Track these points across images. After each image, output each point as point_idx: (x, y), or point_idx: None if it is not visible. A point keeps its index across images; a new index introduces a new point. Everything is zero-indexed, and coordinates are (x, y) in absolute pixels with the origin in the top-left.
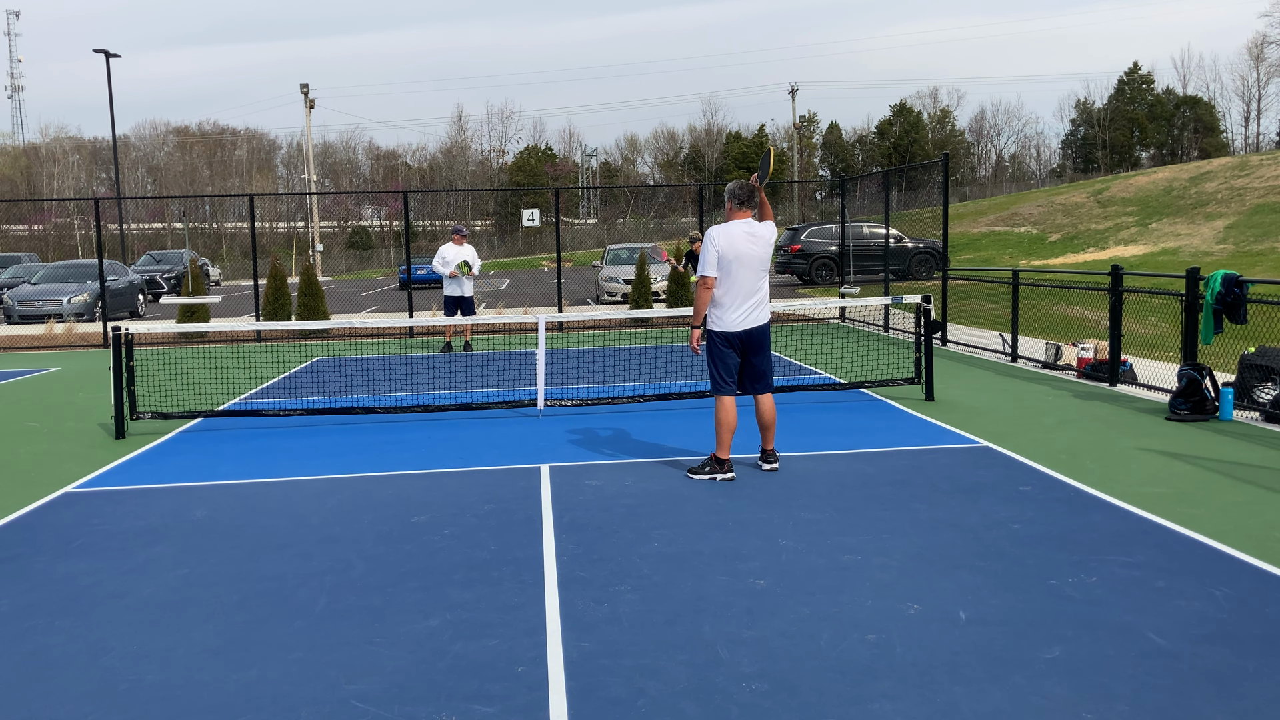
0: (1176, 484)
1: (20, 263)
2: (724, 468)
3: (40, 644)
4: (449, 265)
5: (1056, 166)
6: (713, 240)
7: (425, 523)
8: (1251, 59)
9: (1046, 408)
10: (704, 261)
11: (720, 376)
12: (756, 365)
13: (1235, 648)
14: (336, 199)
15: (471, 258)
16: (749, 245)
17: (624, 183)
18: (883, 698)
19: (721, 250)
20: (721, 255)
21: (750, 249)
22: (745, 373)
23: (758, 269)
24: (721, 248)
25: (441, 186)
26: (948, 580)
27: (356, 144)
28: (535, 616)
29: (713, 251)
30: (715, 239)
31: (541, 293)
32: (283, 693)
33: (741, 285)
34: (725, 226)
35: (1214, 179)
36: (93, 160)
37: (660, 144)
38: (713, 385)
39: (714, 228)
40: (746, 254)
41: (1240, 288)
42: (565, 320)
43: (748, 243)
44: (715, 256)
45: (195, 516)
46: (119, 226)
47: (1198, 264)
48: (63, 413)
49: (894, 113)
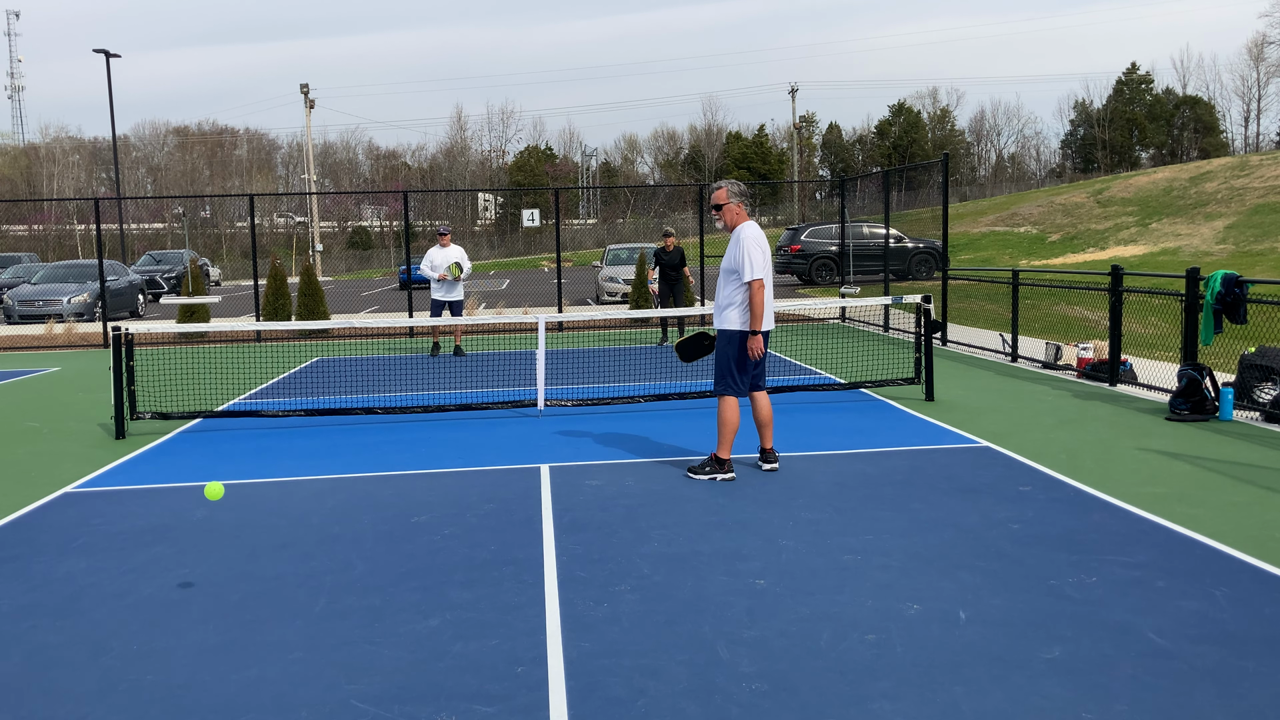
0: (1176, 484)
1: (20, 263)
2: (724, 468)
3: (40, 644)
4: (437, 269)
5: (1056, 166)
6: (754, 241)
7: (425, 523)
8: (1251, 59)
9: (1046, 408)
10: (750, 264)
11: (738, 378)
12: (763, 363)
13: (1235, 648)
14: (336, 199)
15: (460, 259)
16: (765, 243)
17: (624, 183)
18: (883, 698)
19: (765, 250)
20: (765, 255)
21: (767, 246)
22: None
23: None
24: (765, 248)
25: (441, 186)
26: (948, 580)
27: (356, 144)
28: (535, 616)
29: (758, 253)
30: (757, 240)
31: (541, 293)
32: (283, 693)
33: (769, 286)
34: (753, 227)
35: (1214, 179)
36: (93, 160)
37: (660, 144)
38: (724, 386)
39: (746, 228)
40: (767, 251)
41: (1240, 288)
42: (565, 320)
43: (764, 240)
44: (761, 257)
45: (195, 516)
46: (119, 227)
47: (1198, 264)
48: (63, 413)
49: (893, 113)
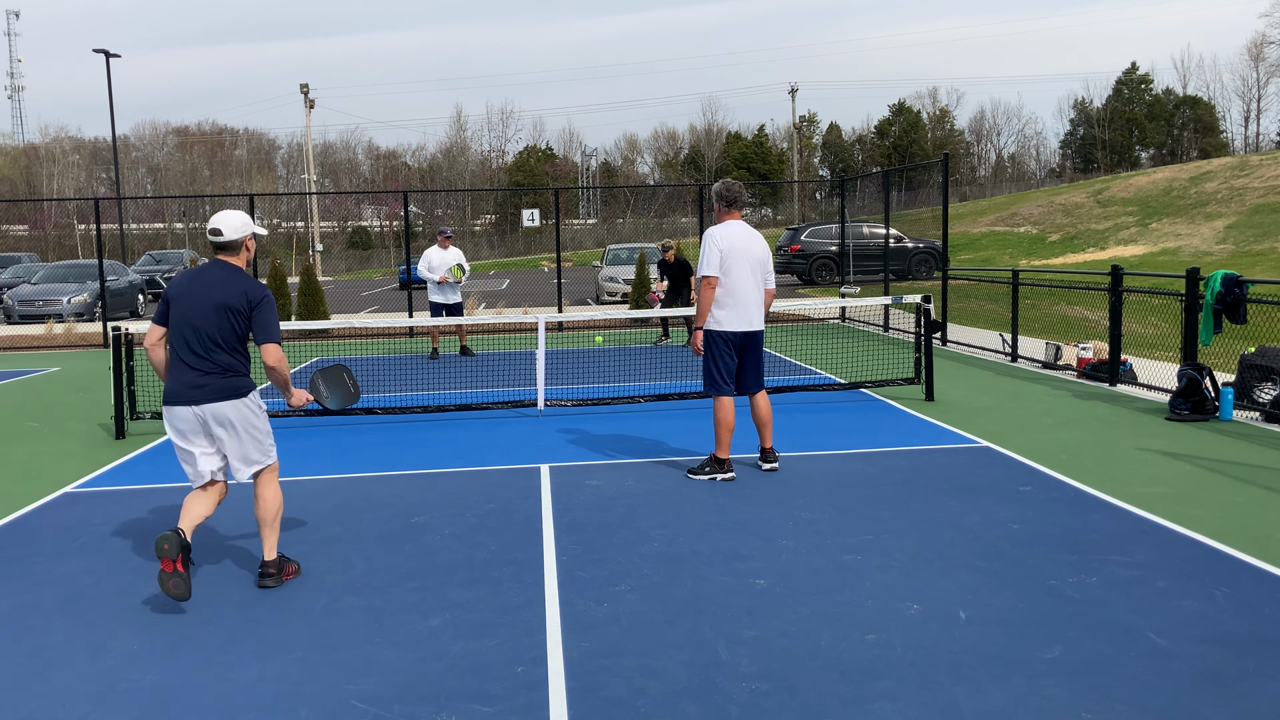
0: (1176, 484)
1: (20, 263)
2: (724, 468)
3: (40, 644)
4: (435, 271)
5: (1056, 166)
6: (714, 240)
7: (425, 523)
8: (1251, 59)
9: (1046, 408)
10: (706, 262)
11: (720, 377)
12: (752, 366)
13: (1235, 648)
14: (336, 199)
15: (460, 261)
16: (747, 243)
17: (624, 183)
18: (883, 698)
19: (724, 250)
20: (724, 254)
21: (749, 246)
22: (740, 373)
23: (759, 269)
24: (724, 247)
25: (441, 186)
26: (948, 580)
27: (356, 144)
28: (535, 616)
29: (715, 251)
30: (716, 239)
31: (541, 293)
32: (283, 693)
33: (743, 285)
34: (724, 226)
35: (1214, 179)
36: (93, 160)
37: (660, 144)
38: (710, 386)
39: (713, 228)
40: (746, 251)
41: (1240, 288)
42: (565, 320)
43: (746, 240)
44: (718, 256)
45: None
46: (119, 227)
47: (1198, 264)
48: (63, 413)
49: (893, 113)
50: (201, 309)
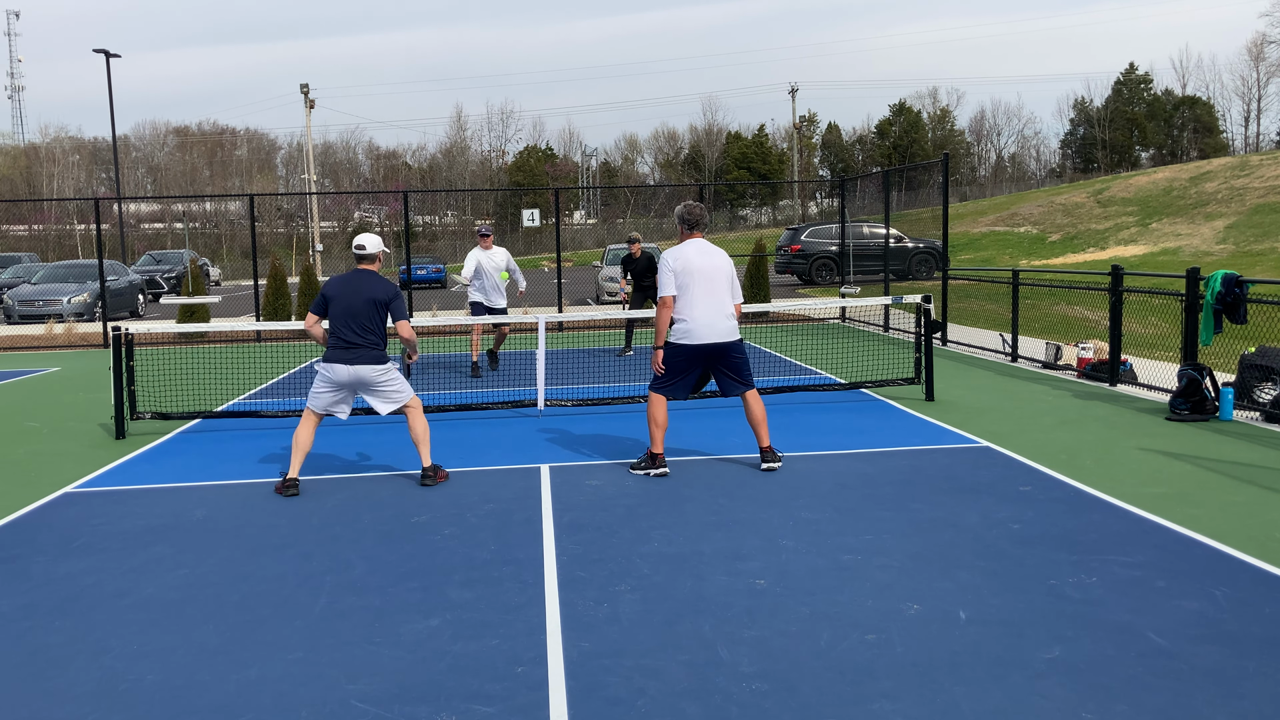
0: (1176, 484)
1: (20, 263)
2: (656, 463)
3: (40, 644)
4: (486, 274)
5: (1056, 166)
6: (665, 263)
7: (425, 523)
8: (1251, 59)
9: (1046, 408)
10: (661, 283)
11: (664, 380)
12: (729, 371)
13: (1235, 648)
14: (336, 199)
15: (508, 263)
16: (702, 259)
17: (624, 183)
18: (883, 698)
19: (676, 270)
20: (677, 274)
21: (705, 262)
22: (719, 381)
23: (718, 283)
24: (676, 268)
25: (441, 186)
26: (948, 580)
27: (356, 144)
28: (535, 616)
29: (667, 273)
30: (669, 260)
31: (541, 293)
32: (283, 693)
33: (699, 301)
34: (678, 247)
35: (1214, 179)
36: (93, 160)
37: (660, 144)
38: (653, 383)
39: (666, 251)
40: (701, 268)
41: (1240, 288)
42: (565, 320)
43: (700, 257)
44: (671, 277)
45: (195, 516)
46: (119, 227)
47: (1198, 264)
48: (63, 413)
49: (894, 113)
50: (358, 303)
